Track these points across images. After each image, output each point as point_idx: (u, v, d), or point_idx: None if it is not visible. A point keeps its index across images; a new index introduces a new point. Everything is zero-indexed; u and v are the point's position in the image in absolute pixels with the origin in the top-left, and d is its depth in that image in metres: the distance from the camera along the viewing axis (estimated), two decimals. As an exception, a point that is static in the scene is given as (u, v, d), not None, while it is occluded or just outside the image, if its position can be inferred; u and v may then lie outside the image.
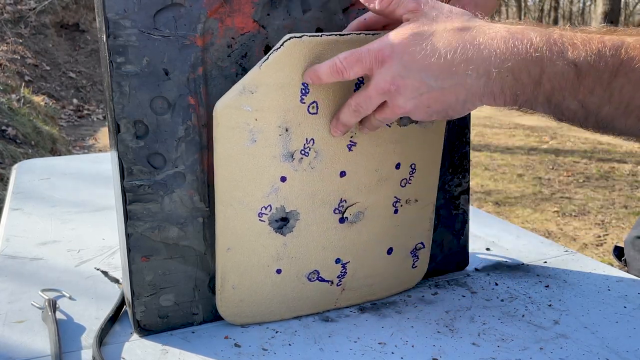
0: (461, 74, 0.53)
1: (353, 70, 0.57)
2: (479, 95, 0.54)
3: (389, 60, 0.55)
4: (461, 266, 0.84)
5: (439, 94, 0.55)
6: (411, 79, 0.55)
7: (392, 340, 0.66)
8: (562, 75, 0.51)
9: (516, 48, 0.51)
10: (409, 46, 0.54)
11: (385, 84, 0.56)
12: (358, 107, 0.59)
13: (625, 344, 0.64)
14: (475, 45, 0.52)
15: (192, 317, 0.68)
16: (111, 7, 0.58)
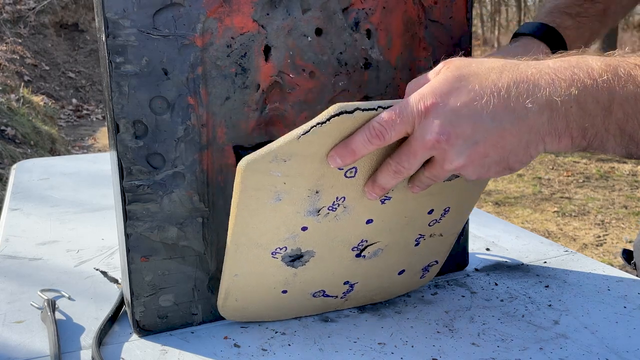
0: (521, 109, 0.46)
1: (395, 130, 0.49)
2: (542, 135, 0.47)
3: (433, 109, 0.47)
4: (461, 266, 0.83)
5: (497, 137, 0.47)
6: (463, 125, 0.47)
7: (392, 341, 0.65)
8: (635, 99, 0.45)
9: (576, 75, 0.45)
10: (454, 89, 0.47)
11: (433, 135, 0.47)
12: (399, 168, 0.51)
13: (625, 344, 0.64)
14: (530, 77, 0.46)
15: (191, 318, 0.68)
16: (110, 7, 0.58)
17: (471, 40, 0.76)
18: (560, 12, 0.78)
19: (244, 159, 0.54)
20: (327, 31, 0.68)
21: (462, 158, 0.48)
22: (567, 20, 0.77)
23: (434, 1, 0.73)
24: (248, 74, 0.65)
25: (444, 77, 0.48)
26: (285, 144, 0.52)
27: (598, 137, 0.47)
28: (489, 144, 0.47)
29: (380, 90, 0.72)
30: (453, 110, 0.46)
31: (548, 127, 0.46)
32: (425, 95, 0.47)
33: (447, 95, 0.47)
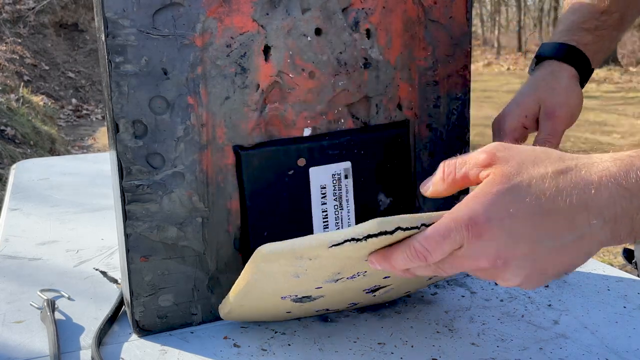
0: (583, 225, 0.43)
1: (439, 252, 0.45)
2: (604, 244, 0.44)
3: (488, 232, 0.43)
4: (461, 266, 0.83)
5: (557, 255, 0.44)
6: (521, 248, 0.43)
7: (392, 341, 0.65)
8: None
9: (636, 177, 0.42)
10: (508, 207, 0.43)
11: (489, 260, 0.44)
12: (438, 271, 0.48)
13: (624, 344, 0.64)
14: (590, 187, 0.42)
15: (191, 318, 0.68)
16: (110, 7, 0.58)
17: (471, 40, 0.76)
18: (578, 28, 0.79)
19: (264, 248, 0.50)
20: (326, 31, 0.68)
21: (519, 279, 0.45)
22: (587, 36, 0.79)
23: (433, 1, 0.73)
24: (248, 74, 0.65)
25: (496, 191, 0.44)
26: (313, 248, 0.49)
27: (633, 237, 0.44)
28: (549, 262, 0.44)
29: (380, 90, 0.72)
30: (510, 233, 0.43)
31: (611, 236, 0.44)
32: (477, 215, 0.43)
33: (503, 214, 0.43)
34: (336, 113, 0.71)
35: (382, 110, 0.73)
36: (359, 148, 0.71)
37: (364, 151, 0.72)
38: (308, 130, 0.69)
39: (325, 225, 0.71)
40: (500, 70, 13.94)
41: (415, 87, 0.74)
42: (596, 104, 8.24)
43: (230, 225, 0.68)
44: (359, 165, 0.72)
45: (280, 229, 0.69)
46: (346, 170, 0.71)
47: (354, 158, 0.71)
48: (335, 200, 0.71)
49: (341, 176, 0.71)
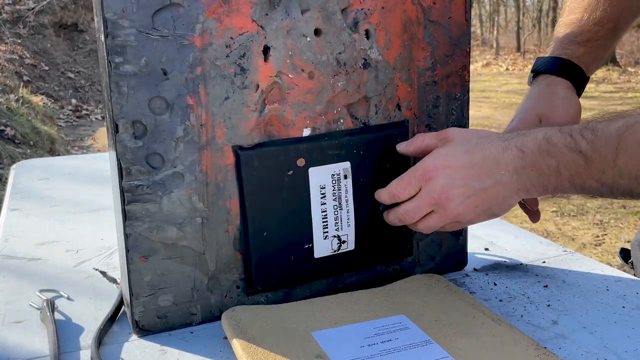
0: (496, 174, 0.62)
1: (406, 192, 0.66)
2: (515, 190, 0.63)
3: (435, 176, 0.64)
4: (460, 266, 0.84)
5: (483, 194, 0.63)
6: (457, 187, 0.63)
7: (391, 341, 0.65)
8: (573, 163, 0.58)
9: (536, 144, 0.60)
10: (448, 161, 0.64)
11: (435, 194, 0.64)
12: (405, 215, 0.67)
13: (623, 344, 0.64)
14: (500, 149, 0.62)
15: (190, 318, 0.68)
16: (109, 7, 0.58)
17: (470, 41, 0.76)
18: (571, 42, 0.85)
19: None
20: (326, 31, 0.68)
21: (459, 208, 0.64)
22: (580, 48, 0.83)
23: (432, 1, 0.73)
24: (247, 74, 0.65)
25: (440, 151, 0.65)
26: None
27: (558, 189, 0.61)
28: (478, 199, 0.64)
29: (379, 90, 0.72)
30: (450, 176, 0.63)
31: (517, 185, 0.62)
32: (428, 167, 0.64)
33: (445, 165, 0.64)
34: (335, 113, 0.71)
35: (381, 110, 0.73)
36: (358, 148, 0.72)
37: (363, 151, 0.72)
38: (307, 130, 0.69)
39: (325, 225, 0.71)
40: (499, 71, 13.95)
41: (414, 87, 0.74)
42: (595, 104, 8.25)
43: (229, 226, 0.68)
44: (359, 165, 0.72)
45: (279, 229, 0.69)
46: (345, 170, 0.71)
47: (353, 158, 0.71)
48: (335, 200, 0.71)
49: (340, 176, 0.71)
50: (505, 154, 0.62)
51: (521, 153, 0.61)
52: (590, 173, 0.58)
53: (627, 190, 0.58)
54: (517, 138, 0.62)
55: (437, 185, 0.64)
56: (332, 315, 0.68)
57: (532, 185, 0.62)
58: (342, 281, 0.75)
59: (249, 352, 0.59)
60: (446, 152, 0.64)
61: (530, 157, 0.61)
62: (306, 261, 0.72)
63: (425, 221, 0.67)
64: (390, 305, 0.70)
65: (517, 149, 0.61)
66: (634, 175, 0.57)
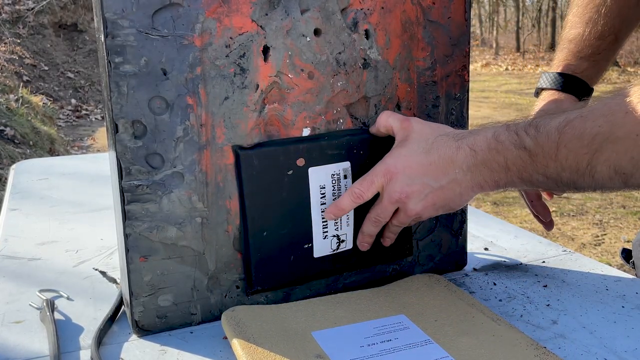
0: (451, 173, 0.66)
1: (369, 191, 0.68)
2: (469, 187, 0.66)
3: (395, 176, 0.67)
4: (459, 266, 0.84)
5: (440, 192, 0.67)
6: (416, 185, 0.67)
7: (391, 340, 0.65)
8: (520, 158, 0.62)
9: (485, 143, 0.64)
10: (407, 161, 0.67)
11: (396, 194, 0.67)
12: (377, 218, 0.70)
13: (623, 344, 0.64)
14: (454, 149, 0.65)
15: (190, 317, 0.68)
16: (109, 7, 0.58)
17: (469, 41, 0.76)
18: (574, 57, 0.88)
19: None
20: (325, 31, 0.68)
21: (419, 206, 0.68)
22: (583, 63, 0.85)
23: (432, 1, 0.73)
24: (247, 74, 0.65)
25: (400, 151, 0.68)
26: None
27: (509, 184, 0.65)
28: (435, 196, 0.67)
29: (378, 90, 0.72)
30: (408, 176, 0.67)
31: (471, 182, 0.66)
32: (389, 166, 0.67)
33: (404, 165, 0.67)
34: (335, 113, 0.71)
35: (381, 110, 0.73)
36: (358, 148, 0.72)
37: (363, 151, 0.72)
38: (307, 130, 0.70)
39: (324, 225, 0.71)
40: (499, 71, 13.95)
41: (414, 87, 0.74)
42: (595, 104, 8.24)
43: (229, 225, 0.68)
44: (358, 165, 0.72)
45: (279, 229, 0.69)
46: (345, 170, 0.71)
47: (353, 158, 0.72)
48: (335, 200, 0.71)
49: (340, 176, 0.71)
50: (459, 153, 0.65)
51: (473, 152, 0.64)
52: (536, 167, 0.61)
53: (570, 182, 0.61)
54: (469, 137, 0.65)
55: (397, 184, 0.67)
56: (332, 315, 0.68)
57: (484, 181, 0.65)
58: (342, 281, 0.75)
59: (248, 352, 0.59)
60: (405, 152, 0.67)
61: (481, 155, 0.64)
62: (306, 261, 0.72)
63: (396, 217, 0.70)
64: (390, 305, 0.70)
65: (469, 148, 0.65)
66: (575, 168, 0.59)
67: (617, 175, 0.58)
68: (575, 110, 0.61)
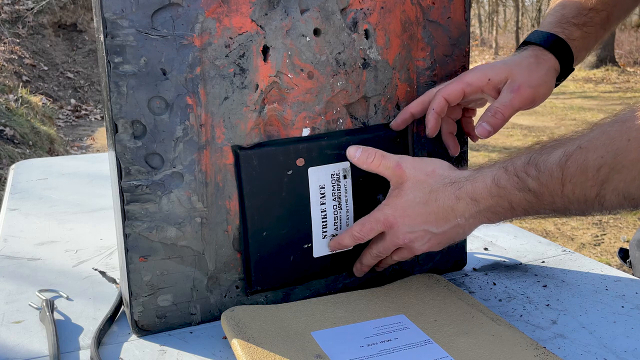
0: (453, 220, 0.66)
1: (369, 236, 0.70)
2: (473, 227, 0.68)
3: (396, 225, 0.68)
4: (459, 266, 0.84)
5: (443, 235, 0.68)
6: (418, 232, 0.68)
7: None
8: (525, 200, 0.62)
9: (487, 191, 0.64)
10: (406, 210, 0.68)
11: (399, 240, 0.69)
12: (379, 254, 0.72)
13: (623, 344, 0.64)
14: (457, 199, 0.65)
15: (190, 318, 0.68)
16: (109, 7, 0.58)
17: (469, 40, 0.76)
18: (568, 22, 0.81)
19: None
20: (325, 31, 0.68)
21: (424, 247, 0.69)
22: (575, 31, 0.80)
23: (432, 1, 0.73)
24: (246, 74, 0.65)
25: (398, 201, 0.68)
26: None
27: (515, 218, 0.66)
28: (439, 239, 0.68)
29: (378, 90, 0.72)
30: (409, 225, 0.68)
31: (474, 225, 0.67)
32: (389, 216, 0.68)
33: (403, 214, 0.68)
34: (335, 113, 0.71)
35: (380, 110, 0.73)
36: (357, 148, 0.71)
37: (362, 151, 0.72)
38: (307, 130, 0.69)
39: (324, 225, 0.71)
40: (499, 71, 13.92)
41: (413, 87, 0.74)
42: (594, 104, 8.25)
43: (229, 225, 0.68)
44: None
45: (279, 229, 0.69)
46: (345, 170, 0.71)
47: (352, 158, 0.71)
48: (335, 200, 0.71)
49: (340, 176, 0.71)
50: (459, 203, 0.65)
51: (474, 202, 0.65)
52: (542, 205, 0.62)
53: (579, 212, 0.62)
54: (467, 185, 0.65)
55: (399, 232, 0.68)
56: (332, 315, 0.68)
57: (489, 220, 0.66)
58: (341, 281, 0.75)
59: (248, 352, 0.59)
60: (402, 203, 0.68)
61: (483, 204, 0.64)
62: (305, 261, 0.72)
63: (398, 254, 0.72)
64: (389, 305, 0.70)
65: (469, 198, 0.65)
66: (583, 200, 0.59)
67: (626, 201, 0.58)
68: (571, 141, 0.60)
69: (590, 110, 7.67)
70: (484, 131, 0.71)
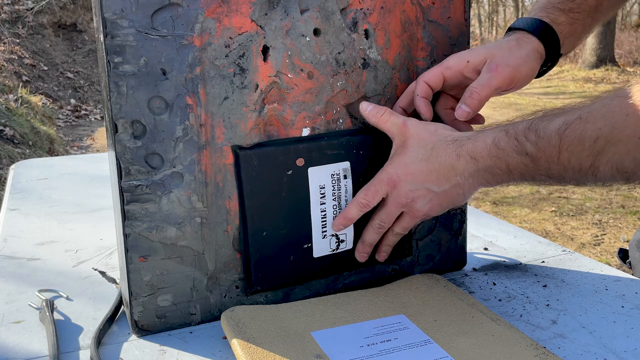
0: (453, 179, 0.67)
1: (375, 200, 0.70)
2: (472, 188, 0.68)
3: (399, 183, 0.69)
4: (459, 266, 0.84)
5: (443, 195, 0.68)
6: (420, 190, 0.68)
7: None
8: (522, 164, 0.63)
9: (486, 151, 0.65)
10: (409, 168, 0.68)
11: (402, 199, 0.69)
12: (381, 224, 0.72)
13: (623, 344, 0.64)
14: (457, 157, 0.66)
15: (189, 318, 0.68)
16: (108, 7, 0.58)
17: (469, 40, 0.76)
18: (554, 7, 0.80)
19: None
20: (325, 31, 0.68)
21: (425, 208, 0.69)
22: (561, 16, 0.79)
23: (431, 1, 0.73)
24: (246, 74, 0.65)
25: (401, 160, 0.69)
26: None
27: (511, 183, 0.67)
28: (440, 199, 0.69)
29: (378, 90, 0.72)
30: (412, 182, 0.68)
31: (474, 185, 0.68)
32: (392, 175, 0.69)
33: (406, 172, 0.68)
34: (335, 113, 0.71)
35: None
36: (357, 148, 0.72)
37: (362, 151, 0.72)
38: (307, 130, 0.69)
39: (324, 225, 0.71)
40: (499, 71, 13.92)
41: (413, 87, 0.74)
42: (594, 104, 8.24)
43: (229, 225, 0.68)
44: (358, 165, 0.72)
45: (278, 229, 0.69)
46: (345, 170, 0.71)
47: (352, 158, 0.72)
48: (335, 200, 0.71)
49: (340, 176, 0.71)
50: (459, 160, 0.66)
51: (474, 160, 0.66)
52: (538, 170, 0.63)
53: (573, 180, 0.63)
54: (467, 143, 0.66)
55: (402, 190, 0.69)
56: (332, 315, 0.68)
57: (487, 182, 0.67)
58: (341, 281, 0.75)
59: (248, 352, 0.59)
60: (405, 160, 0.69)
61: (482, 163, 0.65)
62: (305, 261, 0.72)
63: (399, 223, 0.72)
64: (389, 305, 0.70)
65: (469, 156, 0.66)
66: (577, 169, 0.61)
67: (619, 174, 0.59)
68: (573, 111, 0.61)
69: (590, 110, 7.65)
70: (463, 113, 0.71)
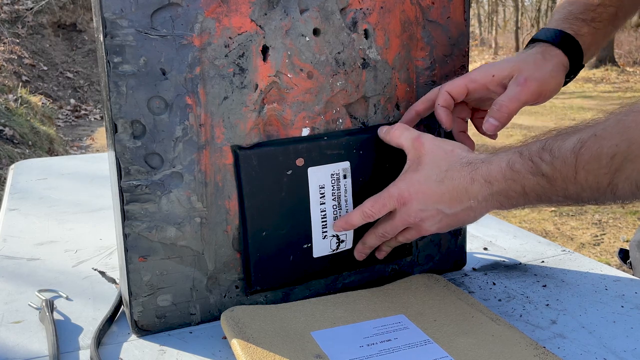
0: (466, 202, 0.66)
1: (381, 213, 0.69)
2: (485, 211, 0.67)
3: (410, 201, 0.67)
4: (459, 266, 0.84)
5: (454, 217, 0.68)
6: (430, 211, 0.67)
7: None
8: (538, 185, 0.62)
9: (501, 174, 0.64)
10: (421, 187, 0.67)
11: (410, 218, 0.68)
12: (384, 234, 0.71)
13: (622, 344, 0.64)
14: (472, 180, 0.65)
15: (189, 318, 0.68)
16: (108, 7, 0.58)
17: (469, 40, 0.76)
18: (575, 18, 0.81)
19: None
20: (324, 31, 0.68)
21: (434, 228, 0.69)
22: (584, 27, 0.80)
23: (431, 1, 0.73)
24: (246, 74, 0.65)
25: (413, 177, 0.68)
26: None
27: (527, 205, 0.65)
28: (450, 220, 0.68)
29: (377, 90, 0.72)
30: (422, 202, 0.67)
31: (486, 208, 0.67)
32: (403, 192, 0.68)
33: (417, 191, 0.67)
34: (334, 113, 0.71)
35: (380, 110, 0.73)
36: (357, 148, 0.72)
37: (362, 151, 0.72)
38: (306, 130, 0.69)
39: (324, 225, 0.71)
40: (499, 70, 13.92)
41: (413, 87, 0.74)
42: (593, 104, 8.25)
43: (228, 225, 0.68)
44: (358, 165, 0.72)
45: (278, 229, 0.69)
46: (345, 170, 0.71)
47: (352, 158, 0.71)
48: (334, 200, 0.71)
49: (340, 176, 0.71)
50: (474, 184, 0.65)
51: (488, 184, 0.64)
52: (555, 190, 0.61)
53: (592, 200, 0.61)
54: (482, 167, 0.65)
55: (411, 209, 0.68)
56: (331, 315, 0.68)
57: (501, 205, 0.66)
58: (341, 281, 0.75)
59: (248, 352, 0.59)
60: (419, 178, 0.68)
61: (497, 186, 0.64)
62: (305, 261, 0.72)
63: (404, 234, 0.71)
64: (389, 305, 0.70)
65: (483, 180, 0.65)
66: (595, 188, 0.59)
67: (639, 190, 0.58)
68: (587, 128, 0.60)
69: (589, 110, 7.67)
70: (491, 126, 0.71)
